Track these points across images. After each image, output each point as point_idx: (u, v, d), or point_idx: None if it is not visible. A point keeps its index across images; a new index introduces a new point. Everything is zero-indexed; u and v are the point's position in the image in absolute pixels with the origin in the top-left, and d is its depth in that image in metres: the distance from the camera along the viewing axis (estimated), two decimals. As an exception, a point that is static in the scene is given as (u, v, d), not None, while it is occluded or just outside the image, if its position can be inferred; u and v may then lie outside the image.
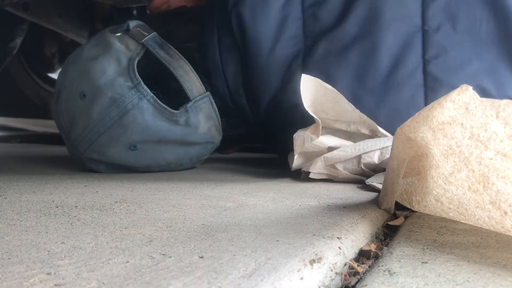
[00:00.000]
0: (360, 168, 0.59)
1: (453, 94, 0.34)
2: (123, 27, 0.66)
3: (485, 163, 0.35)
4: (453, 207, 0.39)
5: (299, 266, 0.26)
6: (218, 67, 0.69)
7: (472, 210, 0.37)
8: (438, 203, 0.40)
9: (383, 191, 0.46)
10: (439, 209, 0.40)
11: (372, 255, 0.32)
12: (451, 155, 0.37)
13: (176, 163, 0.70)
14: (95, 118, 0.61)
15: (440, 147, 0.37)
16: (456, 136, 0.36)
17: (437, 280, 0.26)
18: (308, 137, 0.59)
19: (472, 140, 0.35)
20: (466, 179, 0.36)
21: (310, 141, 0.59)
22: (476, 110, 0.34)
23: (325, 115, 0.60)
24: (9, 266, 0.25)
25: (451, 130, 0.36)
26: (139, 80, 0.61)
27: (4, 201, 0.44)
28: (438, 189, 0.39)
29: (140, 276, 0.24)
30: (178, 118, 0.63)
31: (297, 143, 0.60)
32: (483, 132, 0.34)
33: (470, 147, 0.35)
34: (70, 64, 0.66)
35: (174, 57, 0.65)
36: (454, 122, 0.35)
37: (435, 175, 0.38)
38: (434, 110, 0.35)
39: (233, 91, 0.70)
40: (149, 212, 0.40)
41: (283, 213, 0.40)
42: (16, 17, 1.18)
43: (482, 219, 0.37)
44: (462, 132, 0.35)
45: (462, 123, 0.35)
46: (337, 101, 0.60)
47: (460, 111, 0.34)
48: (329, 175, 0.60)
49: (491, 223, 0.37)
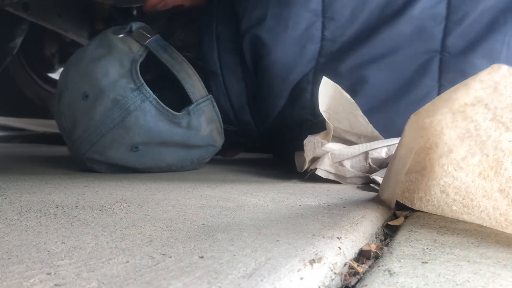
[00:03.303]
0: (367, 164, 0.59)
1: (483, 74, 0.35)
2: (126, 28, 0.66)
3: (501, 147, 0.35)
4: (459, 198, 0.39)
5: (299, 266, 0.26)
6: (220, 84, 0.68)
7: (477, 201, 0.37)
8: (443, 194, 0.40)
9: (385, 180, 0.46)
10: (443, 202, 0.40)
11: (372, 255, 0.32)
12: (467, 138, 0.37)
13: (177, 165, 0.70)
14: (97, 119, 0.61)
15: (457, 129, 0.37)
16: (476, 119, 0.36)
17: (437, 280, 0.26)
18: (318, 142, 0.59)
19: (493, 122, 0.35)
20: (478, 164, 0.36)
21: (320, 146, 0.59)
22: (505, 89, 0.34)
23: (338, 123, 0.60)
24: (9, 266, 0.25)
25: (473, 112, 0.36)
26: (141, 82, 0.61)
27: (4, 201, 0.44)
28: (446, 178, 0.39)
29: (140, 276, 0.24)
30: (180, 121, 0.63)
31: (308, 148, 0.60)
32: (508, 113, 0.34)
33: (489, 130, 0.35)
34: (73, 65, 0.66)
35: (177, 60, 0.65)
36: (478, 103, 0.35)
37: (446, 162, 0.39)
38: (458, 91, 0.36)
39: (237, 108, 0.69)
40: (149, 212, 0.40)
41: (283, 213, 0.40)
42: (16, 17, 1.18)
43: (486, 211, 0.37)
44: (484, 114, 0.35)
45: (486, 103, 0.35)
46: (352, 112, 0.60)
47: (488, 91, 0.35)
48: (337, 175, 0.60)
49: (494, 215, 0.36)
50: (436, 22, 0.62)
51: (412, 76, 0.62)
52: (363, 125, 0.60)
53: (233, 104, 0.69)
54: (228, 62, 0.67)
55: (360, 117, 0.59)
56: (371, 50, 0.62)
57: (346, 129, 0.61)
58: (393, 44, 0.62)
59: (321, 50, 0.64)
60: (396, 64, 0.62)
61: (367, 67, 0.62)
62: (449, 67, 0.62)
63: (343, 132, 0.61)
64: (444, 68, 0.62)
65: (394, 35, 0.62)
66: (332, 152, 0.60)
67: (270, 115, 0.68)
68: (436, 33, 0.62)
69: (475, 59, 0.61)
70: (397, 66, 0.62)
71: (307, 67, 0.64)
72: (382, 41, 0.62)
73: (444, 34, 0.62)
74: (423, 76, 0.62)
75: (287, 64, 0.63)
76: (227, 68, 0.67)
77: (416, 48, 0.62)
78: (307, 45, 0.63)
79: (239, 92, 0.68)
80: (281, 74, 0.64)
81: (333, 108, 0.60)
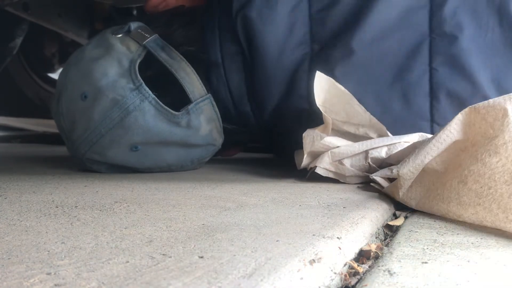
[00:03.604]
0: (367, 163, 0.59)
1: None
2: (124, 28, 0.66)
3: None
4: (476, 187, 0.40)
5: (299, 266, 0.26)
6: (221, 75, 0.68)
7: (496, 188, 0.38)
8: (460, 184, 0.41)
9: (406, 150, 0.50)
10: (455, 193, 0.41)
11: (372, 255, 0.32)
12: None
13: (177, 165, 0.70)
14: (96, 120, 0.61)
15: None
16: None
17: (437, 280, 0.26)
18: (317, 136, 0.59)
19: None
20: None
21: (319, 140, 0.59)
22: None
23: (335, 115, 0.60)
24: (9, 266, 0.25)
25: None
26: (140, 82, 0.61)
27: (4, 201, 0.44)
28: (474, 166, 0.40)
29: (140, 276, 0.24)
30: (180, 120, 0.63)
31: (307, 142, 0.60)
32: None
33: None
34: (71, 65, 0.66)
35: (175, 59, 0.65)
36: None
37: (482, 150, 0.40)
38: None
39: (237, 100, 0.69)
40: (149, 212, 0.40)
41: (283, 213, 0.40)
42: (16, 17, 1.18)
43: (498, 200, 0.38)
44: None
45: None
46: (349, 103, 0.60)
47: None
48: (336, 173, 0.60)
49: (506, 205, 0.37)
50: (421, 4, 0.62)
51: (404, 61, 0.62)
52: (361, 114, 0.60)
53: (233, 95, 0.69)
54: (229, 51, 0.68)
55: (357, 106, 0.59)
56: (362, 36, 0.62)
57: (344, 120, 0.61)
58: (381, 29, 0.62)
59: (311, 33, 0.64)
60: (387, 49, 0.62)
61: (360, 53, 0.62)
62: (439, 50, 0.62)
63: (341, 123, 0.61)
64: (435, 51, 0.62)
65: (381, 20, 0.62)
66: (332, 150, 0.60)
67: (269, 104, 0.68)
68: (421, 15, 0.62)
69: (462, 42, 0.61)
70: (388, 51, 0.63)
71: (299, 51, 0.65)
72: (370, 26, 0.62)
73: (430, 16, 0.62)
74: (414, 61, 0.62)
75: (277, 44, 0.64)
76: (228, 58, 0.68)
77: (405, 32, 0.62)
78: (296, 24, 0.64)
79: (239, 82, 0.69)
80: (272, 54, 0.64)
81: (329, 101, 0.60)
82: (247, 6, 0.64)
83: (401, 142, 0.59)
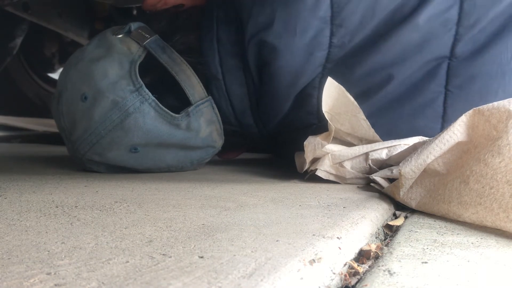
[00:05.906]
0: (367, 165, 0.59)
1: None
2: (124, 28, 0.66)
3: None
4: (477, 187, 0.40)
5: (299, 266, 0.26)
6: (221, 88, 0.67)
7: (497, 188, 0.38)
8: (461, 184, 0.41)
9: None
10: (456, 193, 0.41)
11: (372, 255, 0.32)
12: None
13: (177, 166, 0.70)
14: (96, 121, 0.61)
15: None
16: None
17: (437, 280, 0.26)
18: (319, 143, 0.59)
19: None
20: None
21: (321, 148, 0.59)
22: None
23: (340, 125, 0.60)
24: (9, 266, 0.25)
25: None
26: (141, 83, 0.61)
27: (4, 201, 0.44)
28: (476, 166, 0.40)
29: (140, 276, 0.24)
30: (180, 122, 0.63)
31: (309, 149, 0.60)
32: None
33: None
34: (72, 65, 0.66)
35: (176, 61, 0.65)
36: None
37: (485, 150, 0.40)
38: None
39: (239, 113, 0.69)
40: (149, 212, 0.40)
41: (283, 213, 0.40)
42: (16, 17, 1.18)
43: (500, 199, 0.38)
44: None
45: None
46: (355, 115, 0.60)
47: None
48: (337, 176, 0.60)
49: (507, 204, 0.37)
50: (447, 28, 0.61)
51: (419, 82, 0.62)
52: (365, 128, 0.60)
53: (235, 109, 0.68)
54: (230, 66, 0.66)
55: (363, 120, 0.59)
56: (379, 58, 0.61)
57: (348, 132, 0.61)
58: (401, 52, 0.61)
59: (328, 56, 0.63)
60: (404, 71, 0.61)
61: (376, 75, 0.62)
62: (457, 72, 0.61)
63: (345, 134, 0.61)
64: (452, 73, 0.61)
65: (403, 42, 0.61)
66: (332, 153, 0.60)
67: (274, 119, 0.67)
68: (446, 39, 0.61)
69: (483, 64, 0.60)
70: (405, 73, 0.62)
71: (314, 73, 0.63)
72: (390, 48, 0.61)
73: (454, 40, 0.61)
74: (430, 82, 0.61)
75: (295, 71, 0.63)
76: (229, 72, 0.66)
77: (425, 55, 0.61)
78: (315, 52, 0.62)
79: (242, 97, 0.68)
80: (289, 80, 0.63)
81: (335, 109, 0.60)
82: (265, 31, 0.62)
83: (401, 144, 0.59)
